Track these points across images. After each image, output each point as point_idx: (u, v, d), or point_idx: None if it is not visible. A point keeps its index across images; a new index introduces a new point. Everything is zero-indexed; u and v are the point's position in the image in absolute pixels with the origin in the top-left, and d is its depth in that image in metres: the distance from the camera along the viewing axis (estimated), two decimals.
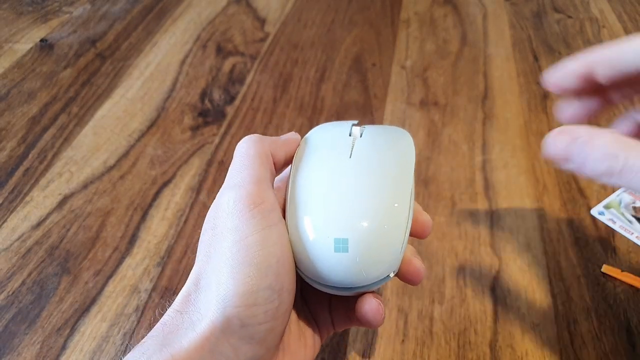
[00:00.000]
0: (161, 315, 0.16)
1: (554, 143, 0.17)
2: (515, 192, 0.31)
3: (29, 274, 0.27)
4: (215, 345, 0.14)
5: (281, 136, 0.20)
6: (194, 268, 0.16)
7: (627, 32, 0.46)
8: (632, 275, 0.25)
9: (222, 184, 0.18)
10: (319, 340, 0.19)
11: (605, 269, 0.26)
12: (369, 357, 0.23)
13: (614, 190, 0.31)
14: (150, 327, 0.24)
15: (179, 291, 0.16)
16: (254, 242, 0.15)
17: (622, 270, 0.26)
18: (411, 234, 0.19)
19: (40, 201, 0.31)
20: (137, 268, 0.27)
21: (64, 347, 0.24)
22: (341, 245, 0.16)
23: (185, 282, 0.16)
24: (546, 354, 0.23)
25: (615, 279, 0.25)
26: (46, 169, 0.33)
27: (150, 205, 0.31)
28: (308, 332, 0.19)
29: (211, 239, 0.16)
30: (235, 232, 0.16)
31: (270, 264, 0.15)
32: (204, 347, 0.14)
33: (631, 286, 0.25)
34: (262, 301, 0.15)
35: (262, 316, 0.15)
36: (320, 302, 0.20)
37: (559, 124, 0.39)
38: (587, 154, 0.16)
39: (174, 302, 0.16)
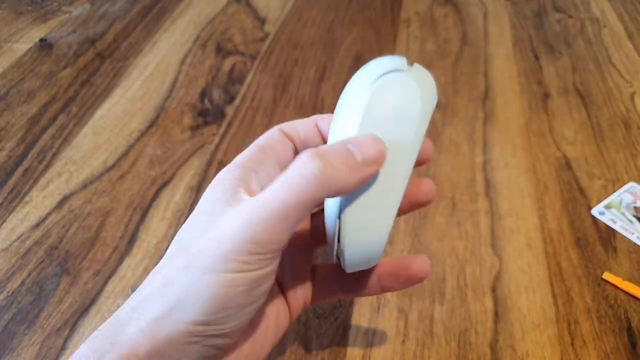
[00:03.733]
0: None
1: None
2: (516, 192, 0.31)
3: (29, 274, 0.27)
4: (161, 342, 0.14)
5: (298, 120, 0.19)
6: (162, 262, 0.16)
7: (628, 31, 0.46)
8: (633, 285, 0.25)
9: None
10: (288, 316, 0.19)
11: (607, 276, 0.26)
12: (369, 358, 0.23)
13: (614, 190, 0.31)
14: None
15: None
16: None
17: (623, 279, 0.25)
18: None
19: (39, 201, 0.31)
20: (136, 268, 0.27)
21: (63, 348, 0.24)
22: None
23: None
24: (547, 354, 0.23)
25: (616, 287, 0.25)
26: (45, 169, 0.33)
27: (149, 205, 0.31)
28: (275, 309, 0.18)
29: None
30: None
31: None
32: (154, 338, 0.14)
33: (632, 296, 0.25)
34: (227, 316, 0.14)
35: (226, 324, 0.15)
36: (300, 276, 0.19)
37: (559, 124, 0.40)
38: None
39: (133, 295, 0.16)
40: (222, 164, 0.33)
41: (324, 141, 0.19)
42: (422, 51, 0.44)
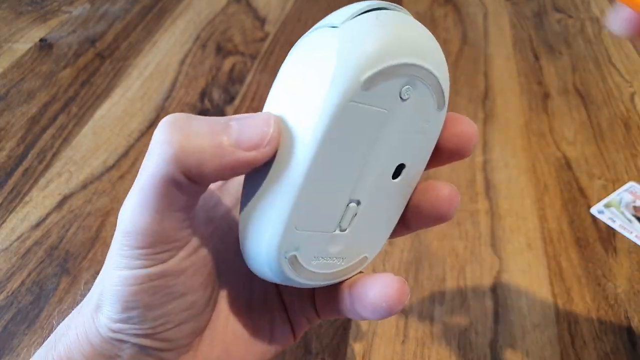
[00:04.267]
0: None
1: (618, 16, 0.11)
2: (516, 192, 0.31)
3: (29, 274, 0.27)
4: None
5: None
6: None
7: None
8: None
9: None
10: (289, 330, 0.17)
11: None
12: (369, 358, 0.23)
13: (614, 190, 0.31)
14: None
15: None
16: None
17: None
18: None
19: (39, 201, 0.31)
20: None
21: None
22: None
23: None
24: (547, 354, 0.23)
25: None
26: (45, 169, 0.33)
27: None
28: (268, 324, 0.16)
29: None
30: None
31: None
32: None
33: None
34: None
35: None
36: (300, 290, 0.16)
37: (559, 124, 0.39)
38: None
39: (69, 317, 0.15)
40: None
41: None
42: None
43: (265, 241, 0.13)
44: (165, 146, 0.12)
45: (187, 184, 0.12)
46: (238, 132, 0.12)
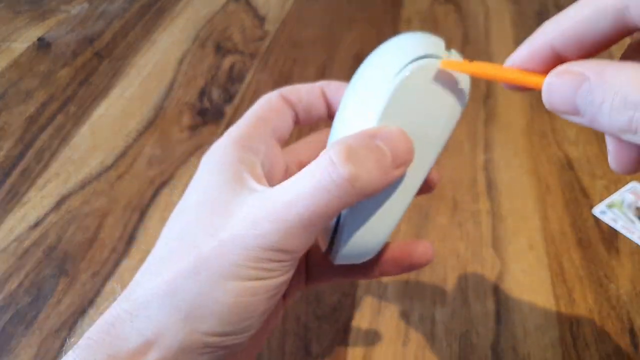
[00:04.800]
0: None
1: (551, 90, 0.12)
2: (518, 193, 0.31)
3: (26, 275, 0.27)
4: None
5: (301, 85, 0.18)
6: (158, 254, 0.14)
7: None
8: (474, 63, 0.15)
9: None
10: (282, 302, 0.18)
11: (444, 64, 0.15)
12: None
13: (616, 190, 0.31)
14: None
15: None
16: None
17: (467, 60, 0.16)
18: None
19: (37, 202, 0.31)
20: (135, 269, 0.27)
21: (61, 349, 0.24)
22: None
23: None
24: (549, 356, 0.23)
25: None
26: (43, 169, 0.33)
27: (148, 206, 0.30)
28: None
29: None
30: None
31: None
32: None
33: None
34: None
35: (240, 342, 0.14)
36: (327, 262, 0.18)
37: (561, 124, 0.39)
38: (599, 102, 0.11)
39: (124, 297, 0.14)
40: None
41: (330, 112, 0.18)
42: None
43: (379, 237, 0.16)
44: (347, 183, 0.13)
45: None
46: (391, 150, 0.14)
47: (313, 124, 0.20)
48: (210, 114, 0.37)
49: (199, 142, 0.35)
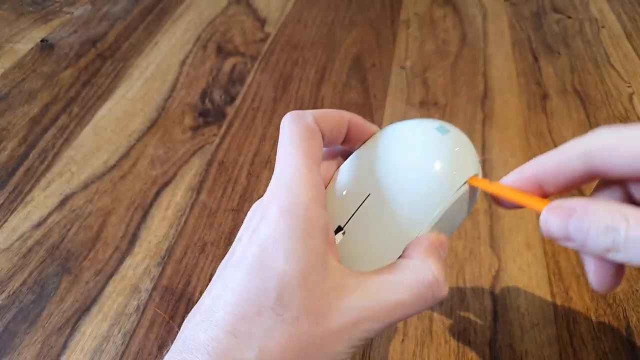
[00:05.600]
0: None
1: (548, 222, 0.15)
2: None
3: (30, 274, 0.27)
4: None
5: (329, 110, 0.18)
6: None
7: (627, 32, 0.46)
8: (501, 185, 0.18)
9: (223, 184, 0.18)
10: None
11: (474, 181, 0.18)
12: (369, 357, 0.23)
13: None
14: (151, 326, 0.24)
15: (179, 291, 0.16)
16: None
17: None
18: None
19: (41, 201, 0.31)
20: (137, 268, 0.27)
21: (64, 347, 0.24)
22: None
23: (182, 282, 0.15)
24: (545, 353, 0.23)
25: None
26: (47, 169, 0.33)
27: (150, 205, 0.31)
28: None
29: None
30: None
31: None
32: None
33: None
34: None
35: None
36: None
37: (558, 124, 0.39)
38: (586, 229, 0.14)
39: (221, 319, 0.14)
40: (222, 164, 0.33)
41: (349, 142, 0.19)
42: (421, 52, 0.44)
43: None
44: (440, 298, 0.16)
45: None
46: (445, 257, 0.17)
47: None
48: (212, 115, 0.38)
49: (201, 143, 0.35)
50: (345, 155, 0.19)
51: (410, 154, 0.17)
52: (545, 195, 0.17)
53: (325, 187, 0.18)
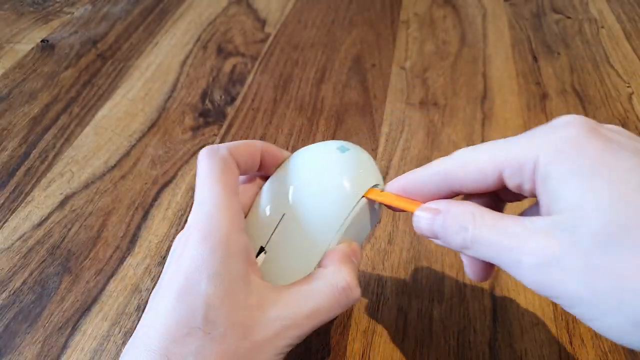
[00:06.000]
0: None
1: (418, 221, 0.17)
2: None
3: (31, 274, 0.27)
4: None
5: (243, 142, 0.20)
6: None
7: (626, 32, 0.47)
8: (393, 196, 0.19)
9: None
10: None
11: (368, 193, 0.20)
12: (369, 356, 0.23)
13: None
14: None
15: None
16: None
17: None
18: None
19: (41, 201, 0.31)
20: (138, 267, 0.27)
21: (65, 346, 0.24)
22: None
23: None
24: (545, 353, 0.23)
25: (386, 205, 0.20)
26: (47, 169, 0.33)
27: (151, 205, 0.31)
28: None
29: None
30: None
31: None
32: None
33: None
34: None
35: None
36: None
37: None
38: (446, 227, 0.16)
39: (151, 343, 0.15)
40: None
41: (264, 169, 0.21)
42: (421, 52, 0.44)
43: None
44: (354, 300, 0.18)
45: None
46: (357, 262, 0.19)
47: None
48: (212, 115, 0.38)
49: (201, 143, 0.36)
50: (264, 181, 0.21)
51: (314, 173, 0.20)
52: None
53: (247, 212, 0.20)
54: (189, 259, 0.16)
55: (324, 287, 0.17)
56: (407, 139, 0.35)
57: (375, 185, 0.20)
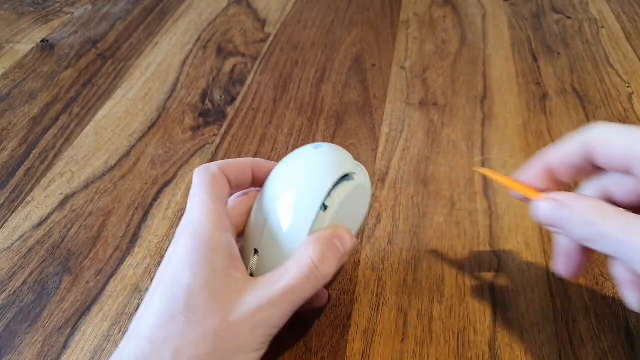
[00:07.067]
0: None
1: (539, 209, 0.19)
2: None
3: (31, 274, 0.27)
4: None
5: (233, 160, 0.22)
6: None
7: (626, 32, 0.46)
8: (503, 176, 0.22)
9: None
10: None
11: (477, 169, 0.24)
12: (369, 356, 0.23)
13: None
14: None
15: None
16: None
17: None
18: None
19: (41, 201, 0.31)
20: (138, 267, 0.27)
21: (65, 347, 0.24)
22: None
23: None
24: (545, 353, 0.23)
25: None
26: (47, 169, 0.33)
27: (151, 205, 0.31)
28: None
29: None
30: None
31: None
32: None
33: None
34: None
35: None
36: None
37: (558, 124, 0.40)
38: (569, 220, 0.17)
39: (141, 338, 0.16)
40: None
41: (256, 184, 0.22)
42: (421, 52, 0.44)
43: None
44: (322, 278, 0.19)
45: None
46: (344, 247, 0.20)
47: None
48: (212, 115, 0.38)
49: (201, 143, 0.36)
50: None
51: (291, 171, 0.21)
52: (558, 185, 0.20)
53: (245, 223, 0.22)
54: (176, 256, 0.18)
55: (292, 266, 0.19)
56: (407, 139, 0.35)
57: (348, 174, 0.21)
